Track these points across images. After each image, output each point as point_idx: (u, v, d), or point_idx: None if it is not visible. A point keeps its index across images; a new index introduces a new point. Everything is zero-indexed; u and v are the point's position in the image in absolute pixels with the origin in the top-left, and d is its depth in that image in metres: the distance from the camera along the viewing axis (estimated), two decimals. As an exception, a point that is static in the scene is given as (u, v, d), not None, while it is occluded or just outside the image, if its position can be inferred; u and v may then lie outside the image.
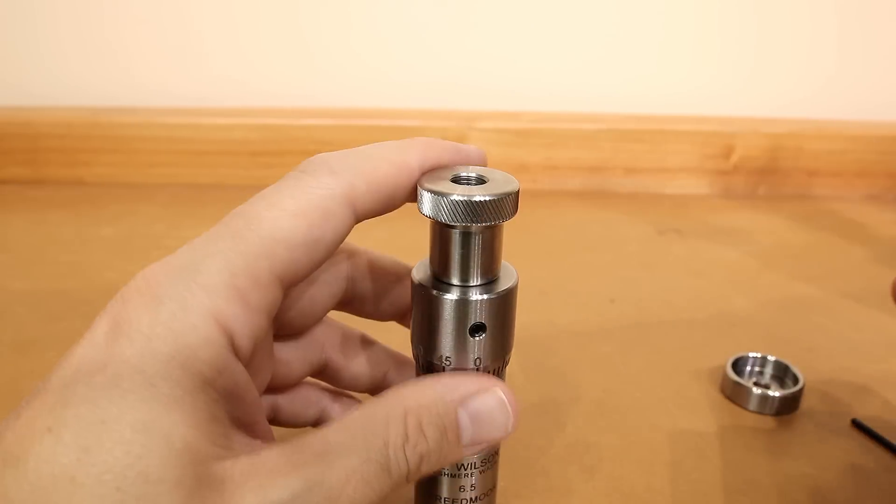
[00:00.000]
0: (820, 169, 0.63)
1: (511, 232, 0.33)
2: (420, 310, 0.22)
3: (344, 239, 0.20)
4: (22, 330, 0.39)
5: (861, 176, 0.64)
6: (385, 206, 0.21)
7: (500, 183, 0.20)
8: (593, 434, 0.32)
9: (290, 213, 0.18)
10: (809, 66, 0.65)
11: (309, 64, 0.65)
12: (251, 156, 0.62)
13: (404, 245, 0.30)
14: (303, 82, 0.65)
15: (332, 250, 0.20)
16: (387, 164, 0.20)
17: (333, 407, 0.26)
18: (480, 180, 0.21)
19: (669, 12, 0.63)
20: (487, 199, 0.19)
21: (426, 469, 0.18)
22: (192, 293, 0.17)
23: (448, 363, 0.21)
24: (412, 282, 0.22)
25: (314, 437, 0.17)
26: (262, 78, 0.65)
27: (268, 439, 0.20)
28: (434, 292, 0.21)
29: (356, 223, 0.21)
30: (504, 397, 0.20)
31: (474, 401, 0.20)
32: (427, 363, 0.22)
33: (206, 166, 0.62)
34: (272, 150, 0.62)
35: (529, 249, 0.51)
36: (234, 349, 0.17)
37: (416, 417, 0.18)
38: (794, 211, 0.60)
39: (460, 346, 0.21)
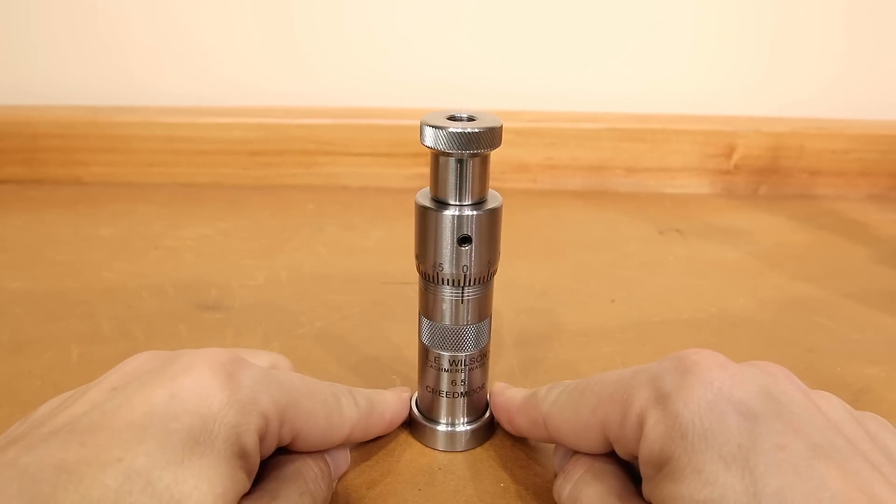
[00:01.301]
0: (821, 168, 0.63)
1: (511, 232, 0.32)
2: (420, 227, 0.27)
3: None
4: (20, 330, 0.39)
5: (863, 175, 0.63)
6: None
7: (487, 120, 0.25)
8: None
9: (330, 407, 0.26)
10: (810, 66, 0.65)
11: (308, 63, 0.64)
12: (250, 155, 0.62)
13: (404, 245, 0.30)
14: (301, 82, 0.65)
15: None
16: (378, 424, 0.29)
17: None
18: (471, 118, 0.26)
19: (670, 12, 0.63)
20: (477, 130, 0.24)
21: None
22: (262, 393, 0.22)
23: (440, 268, 0.27)
24: (416, 205, 0.27)
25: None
26: (261, 77, 0.65)
27: None
28: (433, 210, 0.26)
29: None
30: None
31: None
32: (425, 272, 0.27)
33: (205, 166, 0.62)
34: (271, 150, 0.62)
35: (529, 249, 0.51)
36: (263, 442, 0.22)
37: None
38: (795, 211, 0.60)
39: (452, 254, 0.26)
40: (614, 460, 0.24)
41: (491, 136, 0.25)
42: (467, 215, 0.26)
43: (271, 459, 0.24)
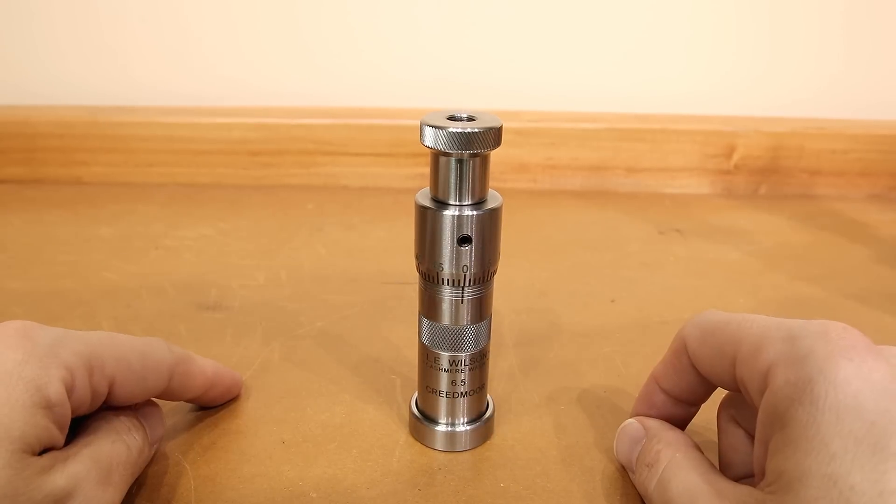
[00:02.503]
0: (822, 168, 0.63)
1: (511, 232, 0.32)
2: (420, 227, 0.27)
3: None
4: (19, 330, 0.39)
5: (863, 175, 0.63)
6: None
7: (487, 120, 0.25)
8: (594, 435, 0.31)
9: (141, 354, 0.27)
10: (811, 66, 0.65)
11: (308, 63, 0.64)
12: (250, 155, 0.62)
13: (404, 245, 0.30)
14: (301, 81, 0.65)
15: None
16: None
17: None
18: (471, 118, 0.25)
19: (670, 12, 0.63)
20: (477, 130, 0.24)
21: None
22: (63, 349, 0.23)
23: (440, 268, 0.27)
24: (416, 205, 0.27)
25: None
26: (261, 77, 0.65)
27: None
28: (433, 210, 0.26)
29: None
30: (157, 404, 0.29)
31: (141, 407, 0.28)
32: (425, 272, 0.27)
33: (205, 166, 0.62)
34: (271, 150, 0.62)
35: (529, 249, 0.51)
36: (71, 394, 0.23)
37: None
38: (795, 211, 0.60)
39: (451, 254, 0.26)
40: (697, 449, 0.25)
41: (491, 136, 0.25)
42: (467, 215, 0.26)
43: (89, 417, 0.25)
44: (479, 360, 0.29)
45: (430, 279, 0.27)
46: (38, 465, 0.21)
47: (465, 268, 0.27)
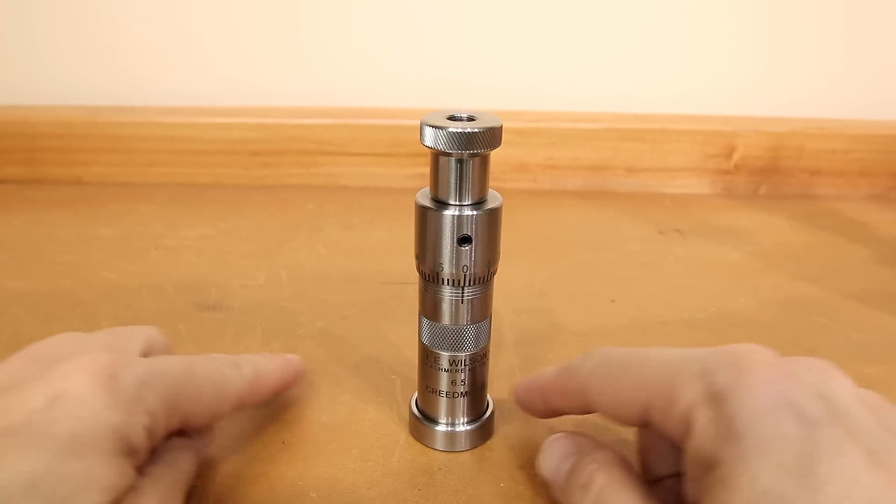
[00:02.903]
0: (822, 168, 0.63)
1: (511, 232, 0.32)
2: (420, 227, 0.27)
3: None
4: (20, 330, 0.39)
5: (863, 175, 0.63)
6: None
7: (487, 120, 0.25)
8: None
9: (217, 384, 0.26)
10: (811, 66, 0.65)
11: (308, 63, 0.64)
12: (250, 155, 0.62)
13: (404, 245, 0.30)
14: (301, 81, 0.65)
15: None
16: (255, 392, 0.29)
17: None
18: (471, 118, 0.25)
19: (670, 12, 0.63)
20: (476, 130, 0.24)
21: None
22: (148, 392, 0.23)
23: (440, 268, 0.27)
24: (416, 205, 0.27)
25: None
26: (261, 77, 0.65)
27: None
28: (433, 210, 0.26)
29: None
30: None
31: None
32: (425, 272, 0.27)
33: (205, 166, 0.62)
34: (271, 150, 0.62)
35: (529, 249, 0.51)
36: (153, 435, 0.23)
37: None
38: (795, 211, 0.60)
39: (451, 254, 0.26)
40: (631, 470, 0.24)
41: (491, 136, 0.25)
42: (467, 215, 0.26)
43: None
44: (480, 360, 0.29)
45: (430, 279, 0.27)
46: None
47: (465, 268, 0.27)
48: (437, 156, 0.26)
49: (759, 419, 0.19)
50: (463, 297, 0.27)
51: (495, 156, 0.27)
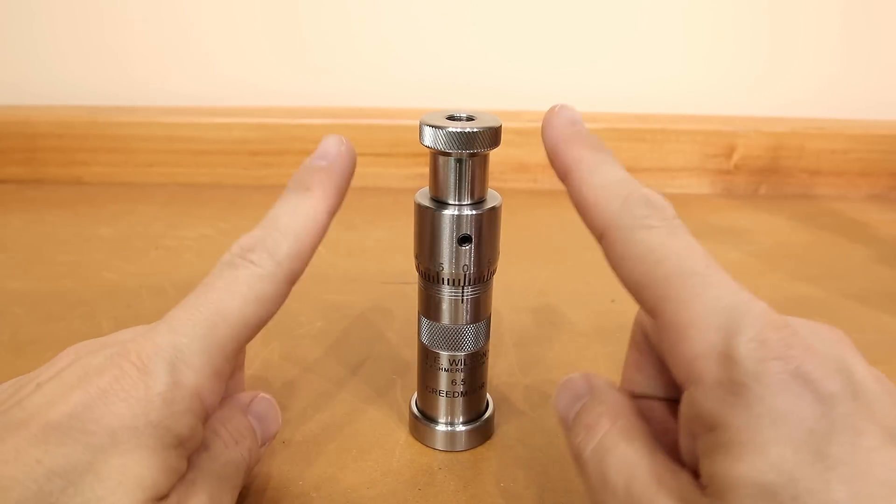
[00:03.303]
0: (822, 168, 0.63)
1: (511, 232, 0.32)
2: (420, 227, 0.27)
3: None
4: (20, 330, 0.39)
5: (863, 175, 0.63)
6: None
7: (487, 120, 0.25)
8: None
9: (251, 301, 0.23)
10: (811, 66, 0.65)
11: (308, 63, 0.64)
12: (250, 155, 0.62)
13: (404, 245, 0.30)
14: (301, 81, 0.65)
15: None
16: (310, 235, 0.25)
17: None
18: (470, 118, 0.26)
19: (670, 12, 0.63)
20: (476, 130, 0.25)
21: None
22: (183, 373, 0.21)
23: (440, 268, 0.27)
24: (415, 205, 0.27)
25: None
26: (261, 77, 0.65)
27: None
28: (432, 210, 0.26)
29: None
30: (270, 396, 0.27)
31: (254, 405, 0.27)
32: (425, 272, 0.28)
33: (205, 166, 0.62)
34: (271, 150, 0.62)
35: (529, 249, 0.51)
36: (205, 412, 0.22)
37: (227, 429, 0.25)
38: (795, 211, 0.60)
39: (451, 254, 0.26)
40: (642, 419, 0.23)
41: (490, 136, 0.25)
42: (467, 215, 0.26)
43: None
44: (479, 360, 0.29)
45: (429, 279, 0.28)
46: None
47: (465, 267, 0.27)
48: (436, 155, 0.26)
49: (774, 392, 0.18)
50: (463, 296, 0.27)
51: (495, 156, 0.27)
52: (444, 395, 0.29)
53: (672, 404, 0.24)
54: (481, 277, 0.27)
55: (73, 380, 0.21)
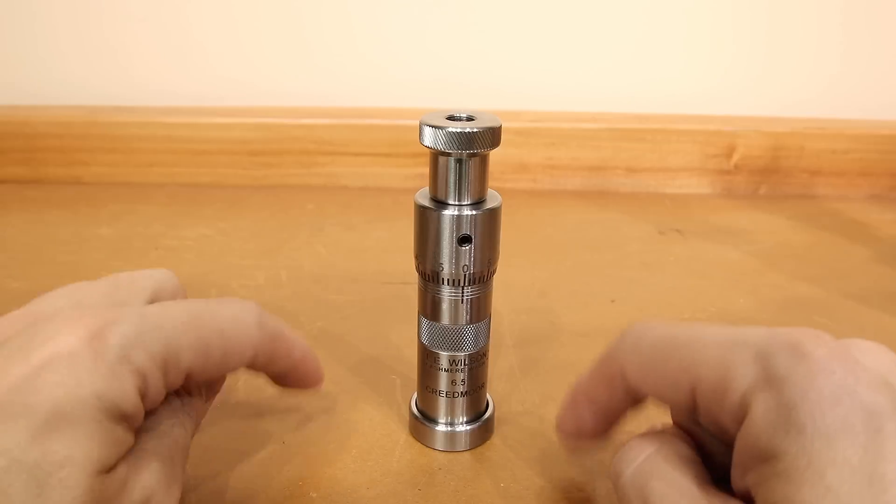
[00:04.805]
0: (822, 168, 0.63)
1: (511, 232, 0.32)
2: (420, 227, 0.27)
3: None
4: (19, 330, 0.39)
5: (863, 175, 0.63)
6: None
7: (486, 120, 0.25)
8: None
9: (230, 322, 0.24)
10: (811, 66, 0.65)
11: (308, 63, 0.64)
12: (250, 155, 0.62)
13: (404, 245, 0.30)
14: (302, 81, 0.65)
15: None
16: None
17: None
18: (470, 118, 0.25)
19: (670, 12, 0.63)
20: (476, 130, 0.24)
21: None
22: (137, 354, 0.21)
23: (440, 268, 0.27)
24: (415, 205, 0.27)
25: None
26: (261, 77, 0.65)
27: None
28: (432, 210, 0.26)
29: None
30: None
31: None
32: (424, 272, 0.28)
33: (205, 166, 0.62)
34: (271, 150, 0.62)
35: (529, 249, 0.51)
36: (148, 402, 0.21)
37: None
38: (795, 211, 0.60)
39: (451, 254, 0.26)
40: (686, 438, 0.22)
41: (490, 136, 0.25)
42: (467, 215, 0.26)
43: None
44: (479, 360, 0.29)
45: (430, 279, 0.27)
46: (114, 485, 0.20)
47: (465, 268, 0.27)
48: (436, 156, 0.26)
49: (823, 409, 0.18)
50: (463, 296, 0.27)
51: (495, 156, 0.27)
52: (444, 395, 0.29)
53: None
54: (481, 277, 0.27)
55: (17, 351, 0.20)
